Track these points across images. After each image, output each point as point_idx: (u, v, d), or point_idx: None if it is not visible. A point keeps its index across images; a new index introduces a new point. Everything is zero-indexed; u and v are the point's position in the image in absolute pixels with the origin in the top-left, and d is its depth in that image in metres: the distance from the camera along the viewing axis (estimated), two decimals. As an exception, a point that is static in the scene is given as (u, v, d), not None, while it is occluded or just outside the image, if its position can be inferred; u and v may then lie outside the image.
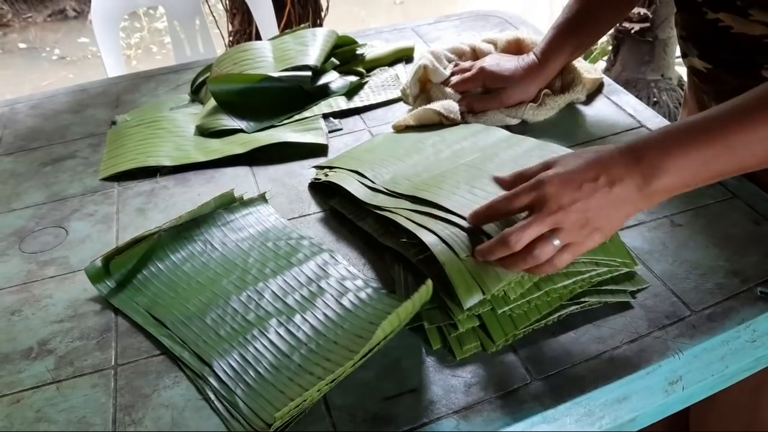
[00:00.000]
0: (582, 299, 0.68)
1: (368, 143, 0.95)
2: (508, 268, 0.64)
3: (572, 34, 0.97)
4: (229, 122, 1.02)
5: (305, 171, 0.93)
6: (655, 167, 0.61)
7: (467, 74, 1.00)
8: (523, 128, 0.96)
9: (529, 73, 0.97)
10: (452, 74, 1.02)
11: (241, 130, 1.01)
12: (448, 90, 0.99)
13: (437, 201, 0.73)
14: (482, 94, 0.99)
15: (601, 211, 0.61)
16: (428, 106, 0.96)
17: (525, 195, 0.63)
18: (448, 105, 0.96)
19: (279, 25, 1.85)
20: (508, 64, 0.98)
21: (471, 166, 0.80)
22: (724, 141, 0.61)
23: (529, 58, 0.98)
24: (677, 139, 0.62)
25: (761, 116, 0.61)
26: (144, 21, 4.22)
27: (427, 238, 0.70)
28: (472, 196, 0.73)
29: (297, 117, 1.04)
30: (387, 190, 0.80)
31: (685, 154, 0.61)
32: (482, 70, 0.98)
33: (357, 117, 1.05)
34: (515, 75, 0.97)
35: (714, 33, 0.82)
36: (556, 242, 0.61)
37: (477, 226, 0.68)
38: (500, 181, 0.71)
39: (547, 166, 0.65)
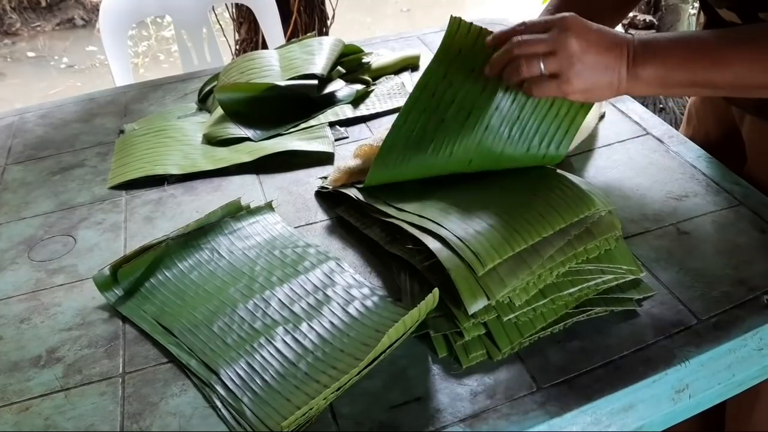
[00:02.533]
0: (588, 307, 0.68)
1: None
2: (506, 78, 0.73)
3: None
4: (236, 131, 1.03)
5: (311, 179, 0.93)
6: (645, 56, 0.70)
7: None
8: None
9: None
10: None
11: (248, 139, 1.02)
12: None
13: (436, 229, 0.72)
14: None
15: (592, 64, 0.70)
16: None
17: (544, 23, 0.71)
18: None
19: (285, 34, 1.86)
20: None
21: (475, 193, 0.80)
22: (713, 53, 0.70)
23: None
24: (672, 41, 0.71)
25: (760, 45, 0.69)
26: (151, 29, 4.25)
27: (433, 244, 0.70)
28: (468, 225, 0.72)
29: (303, 125, 1.04)
30: (393, 206, 0.80)
31: (670, 53, 0.70)
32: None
33: (363, 125, 1.06)
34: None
35: None
36: (542, 65, 0.70)
37: (493, 45, 0.75)
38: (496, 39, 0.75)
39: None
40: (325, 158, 0.97)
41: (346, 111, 1.07)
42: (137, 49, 4.09)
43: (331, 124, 1.05)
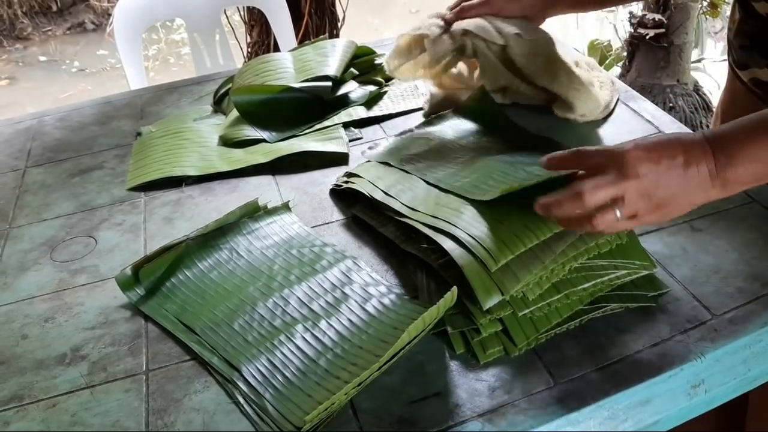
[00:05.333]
0: (604, 304, 0.69)
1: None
2: (564, 225, 0.64)
3: None
4: (252, 132, 1.04)
5: (327, 179, 0.94)
6: (730, 156, 0.61)
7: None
8: (548, 131, 0.97)
9: None
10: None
11: (263, 140, 1.03)
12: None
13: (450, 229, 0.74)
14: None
15: (671, 189, 0.61)
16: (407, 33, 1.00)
17: (599, 155, 0.62)
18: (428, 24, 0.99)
19: (297, 36, 1.87)
20: None
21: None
22: None
23: None
24: (752, 130, 0.62)
25: None
26: (161, 33, 4.27)
27: (446, 243, 0.71)
28: (480, 224, 0.73)
29: (318, 126, 1.05)
30: (407, 206, 0.81)
31: (758, 146, 0.61)
32: None
33: (377, 126, 1.07)
34: None
35: None
36: (619, 214, 0.60)
37: (550, 168, 0.66)
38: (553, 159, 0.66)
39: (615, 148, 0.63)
40: (340, 159, 0.98)
41: (359, 112, 1.08)
42: (147, 52, 4.11)
43: (345, 125, 1.06)
